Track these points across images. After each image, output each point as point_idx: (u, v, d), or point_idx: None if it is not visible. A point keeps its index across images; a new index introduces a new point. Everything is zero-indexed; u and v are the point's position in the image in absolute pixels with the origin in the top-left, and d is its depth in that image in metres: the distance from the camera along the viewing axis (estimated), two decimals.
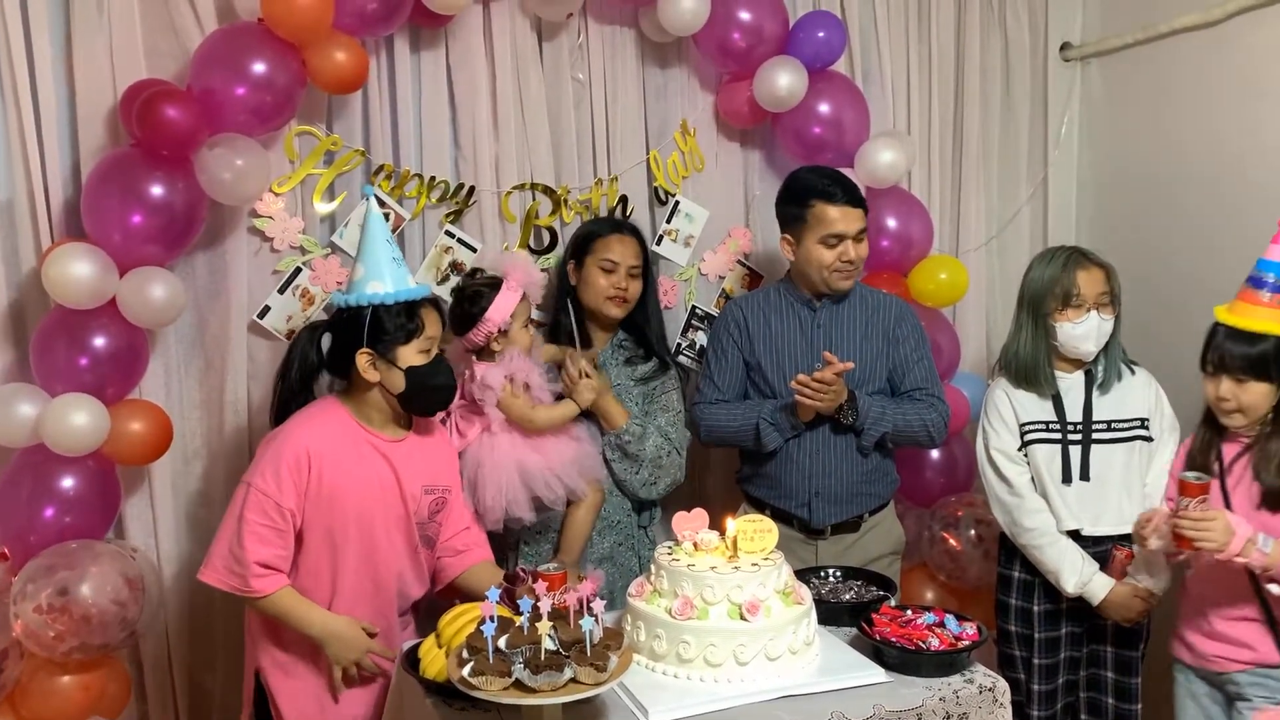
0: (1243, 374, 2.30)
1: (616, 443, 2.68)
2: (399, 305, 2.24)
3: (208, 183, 2.57)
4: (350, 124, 2.90)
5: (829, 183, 2.70)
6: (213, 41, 2.60)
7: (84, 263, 2.43)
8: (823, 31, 3.07)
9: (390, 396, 2.30)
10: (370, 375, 2.26)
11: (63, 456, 2.47)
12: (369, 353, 2.24)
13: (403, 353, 2.25)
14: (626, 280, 2.73)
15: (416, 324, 2.26)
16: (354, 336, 2.24)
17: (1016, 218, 3.68)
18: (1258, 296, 2.30)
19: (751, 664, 1.96)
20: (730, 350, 2.80)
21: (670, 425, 2.74)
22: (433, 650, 2.04)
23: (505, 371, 2.54)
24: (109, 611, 2.44)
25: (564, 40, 3.07)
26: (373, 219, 2.26)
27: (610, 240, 2.75)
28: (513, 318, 2.56)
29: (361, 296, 2.23)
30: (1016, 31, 3.61)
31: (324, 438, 2.27)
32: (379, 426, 2.34)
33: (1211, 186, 3.22)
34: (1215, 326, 2.37)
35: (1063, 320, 2.62)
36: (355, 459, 2.29)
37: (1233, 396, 2.32)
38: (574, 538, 2.63)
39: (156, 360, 2.75)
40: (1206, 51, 3.21)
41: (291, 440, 2.25)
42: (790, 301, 2.80)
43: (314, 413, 2.31)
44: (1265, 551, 2.20)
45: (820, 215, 2.67)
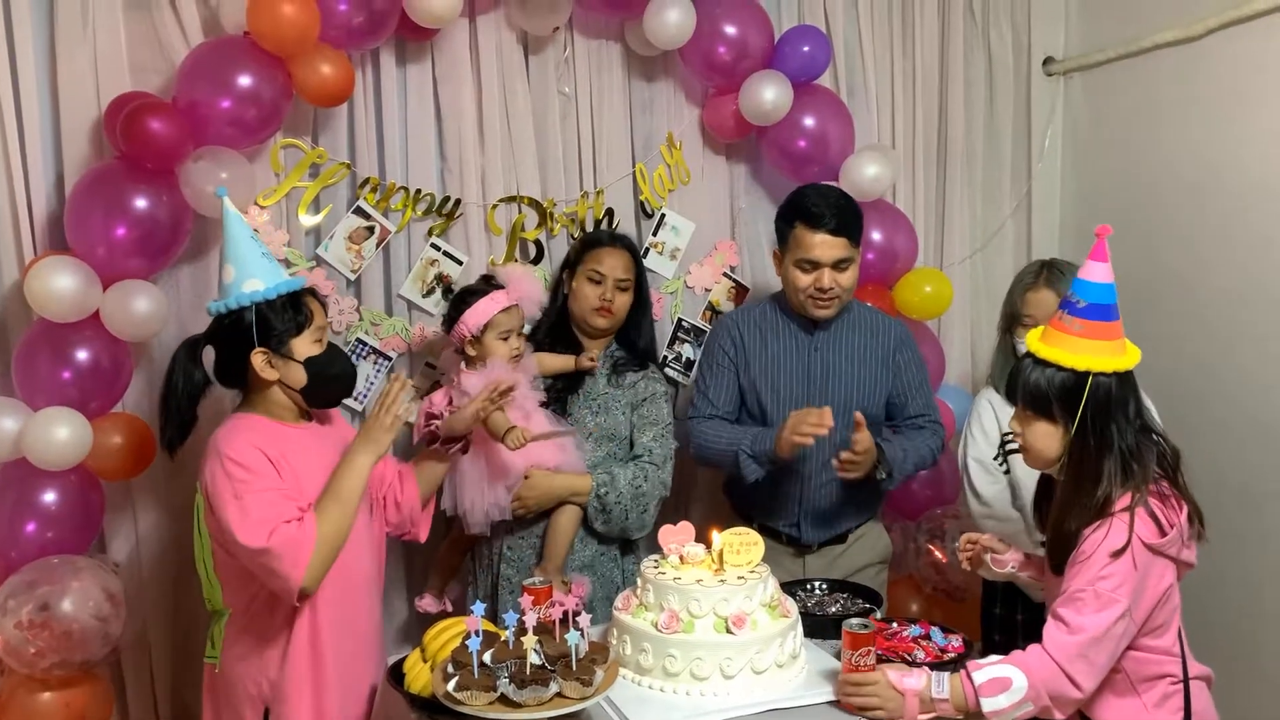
0: (1027, 410, 1.99)
1: (598, 505, 2.62)
2: (282, 299, 2.16)
3: (192, 196, 2.56)
4: (336, 137, 2.90)
5: (818, 206, 2.62)
6: (198, 55, 2.60)
7: (67, 276, 2.42)
8: (807, 46, 3.09)
9: (291, 392, 2.21)
10: (269, 374, 2.16)
11: (45, 471, 2.45)
12: (263, 351, 2.15)
13: (297, 345, 2.17)
14: (613, 292, 2.72)
15: (305, 314, 2.18)
16: (243, 339, 2.15)
17: (1001, 231, 3.70)
18: (1067, 323, 1.94)
19: (738, 677, 1.96)
20: (725, 365, 2.78)
21: (654, 440, 2.72)
22: (418, 664, 2.03)
23: (485, 379, 2.52)
24: (90, 627, 2.43)
25: (550, 54, 3.08)
26: (231, 218, 2.17)
27: (601, 252, 2.74)
28: (489, 327, 2.55)
29: (241, 297, 2.13)
30: (1000, 46, 3.64)
31: (258, 436, 2.14)
32: (292, 421, 2.25)
33: (1193, 198, 3.24)
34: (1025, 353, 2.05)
35: (1018, 338, 2.66)
36: (295, 449, 2.18)
37: (1019, 434, 2.03)
38: (557, 544, 2.62)
39: (140, 374, 2.73)
40: (1187, 66, 3.24)
41: (229, 446, 2.11)
42: (787, 321, 2.76)
43: (232, 427, 2.17)
44: (945, 696, 1.88)
45: (799, 238, 2.63)
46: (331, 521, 2.09)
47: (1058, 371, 1.92)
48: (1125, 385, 1.93)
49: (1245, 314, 3.09)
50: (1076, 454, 1.93)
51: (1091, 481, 1.91)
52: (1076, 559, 1.90)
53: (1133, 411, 1.94)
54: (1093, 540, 1.88)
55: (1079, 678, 1.85)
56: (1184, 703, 1.96)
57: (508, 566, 2.67)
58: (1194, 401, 3.13)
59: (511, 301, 2.58)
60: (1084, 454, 1.92)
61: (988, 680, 1.86)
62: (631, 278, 2.76)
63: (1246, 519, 3.02)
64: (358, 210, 2.90)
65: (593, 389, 2.73)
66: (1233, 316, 3.13)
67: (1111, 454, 1.91)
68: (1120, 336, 1.96)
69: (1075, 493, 1.93)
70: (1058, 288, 2.62)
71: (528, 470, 2.55)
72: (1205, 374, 3.19)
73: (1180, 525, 1.91)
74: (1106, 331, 1.92)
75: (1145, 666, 1.96)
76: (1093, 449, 1.91)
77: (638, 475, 2.66)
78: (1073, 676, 1.85)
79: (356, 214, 2.90)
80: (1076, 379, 1.91)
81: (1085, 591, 1.86)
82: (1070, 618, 1.87)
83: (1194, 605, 2.08)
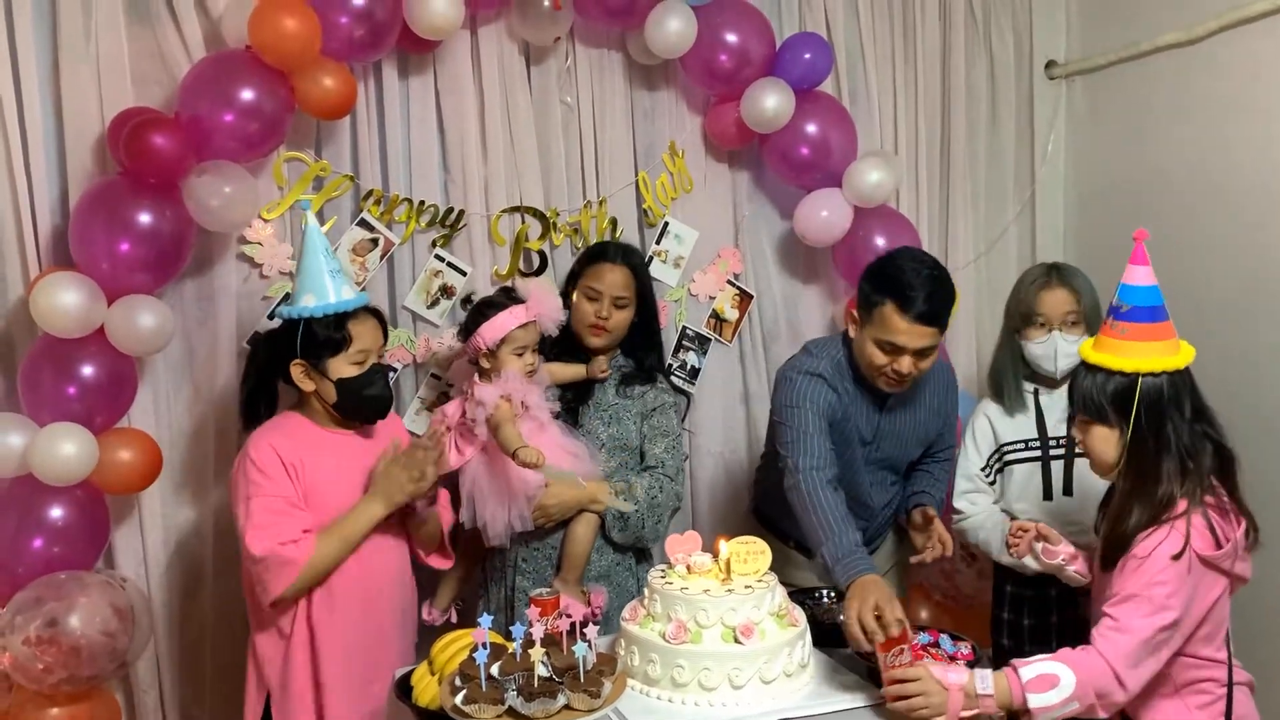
0: (1084, 416, 2.03)
1: (616, 513, 2.61)
2: (329, 318, 2.28)
3: (196, 210, 2.57)
4: (339, 149, 2.90)
5: (915, 290, 2.34)
6: (200, 69, 2.61)
7: (72, 291, 2.42)
8: (809, 53, 3.09)
9: (326, 405, 2.36)
10: (305, 384, 2.33)
11: (51, 486, 2.45)
12: (302, 363, 2.30)
13: (333, 364, 2.30)
14: (610, 310, 2.68)
15: (344, 336, 2.30)
16: (289, 348, 2.30)
17: (1004, 235, 3.70)
18: (1113, 328, 2.00)
19: (746, 687, 1.95)
20: (825, 424, 2.49)
21: (666, 451, 2.70)
22: (425, 677, 2.03)
23: (501, 391, 2.52)
24: (98, 642, 2.42)
25: (552, 64, 3.08)
26: (309, 233, 2.30)
27: (601, 268, 2.71)
28: (504, 342, 2.53)
29: (294, 310, 2.29)
30: (1002, 51, 3.64)
31: (285, 440, 2.31)
32: (331, 427, 2.39)
33: (1195, 200, 3.24)
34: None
35: (1026, 339, 2.66)
36: (323, 455, 2.34)
37: (1081, 440, 2.07)
38: (576, 555, 2.61)
39: (145, 388, 2.73)
40: (1188, 68, 3.24)
41: (254, 446, 2.29)
42: (858, 384, 2.54)
43: (271, 423, 2.37)
44: (990, 692, 1.87)
45: (886, 317, 2.37)
46: (327, 556, 2.25)
47: (1109, 376, 1.96)
48: (1177, 384, 1.96)
49: (1249, 316, 3.08)
50: (1135, 455, 1.96)
51: (1152, 481, 1.94)
52: (1131, 559, 1.92)
53: (1189, 410, 1.96)
54: (1149, 543, 1.90)
55: (1127, 679, 1.86)
56: (1226, 707, 1.97)
57: (523, 578, 2.66)
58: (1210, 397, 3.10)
59: (530, 317, 2.57)
60: (1142, 455, 1.95)
61: (1035, 677, 1.86)
62: (631, 295, 2.72)
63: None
64: (361, 222, 2.90)
65: (603, 399, 2.73)
66: (1237, 319, 3.12)
67: (1169, 453, 1.94)
68: (1171, 337, 1.99)
69: (1134, 492, 1.96)
70: (1072, 284, 2.62)
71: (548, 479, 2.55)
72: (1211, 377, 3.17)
73: (1236, 539, 1.93)
74: (1154, 333, 1.96)
75: (1190, 671, 1.97)
76: (1150, 449, 1.94)
77: (653, 486, 2.65)
78: (1121, 677, 1.85)
79: (360, 226, 2.90)
80: (1127, 382, 1.94)
81: (1139, 595, 1.88)
82: (1123, 619, 1.88)
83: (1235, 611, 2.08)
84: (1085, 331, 2.62)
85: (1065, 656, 1.89)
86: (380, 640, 2.38)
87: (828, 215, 3.16)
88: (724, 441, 3.36)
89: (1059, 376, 2.66)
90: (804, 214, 3.19)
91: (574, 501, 2.58)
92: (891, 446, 2.65)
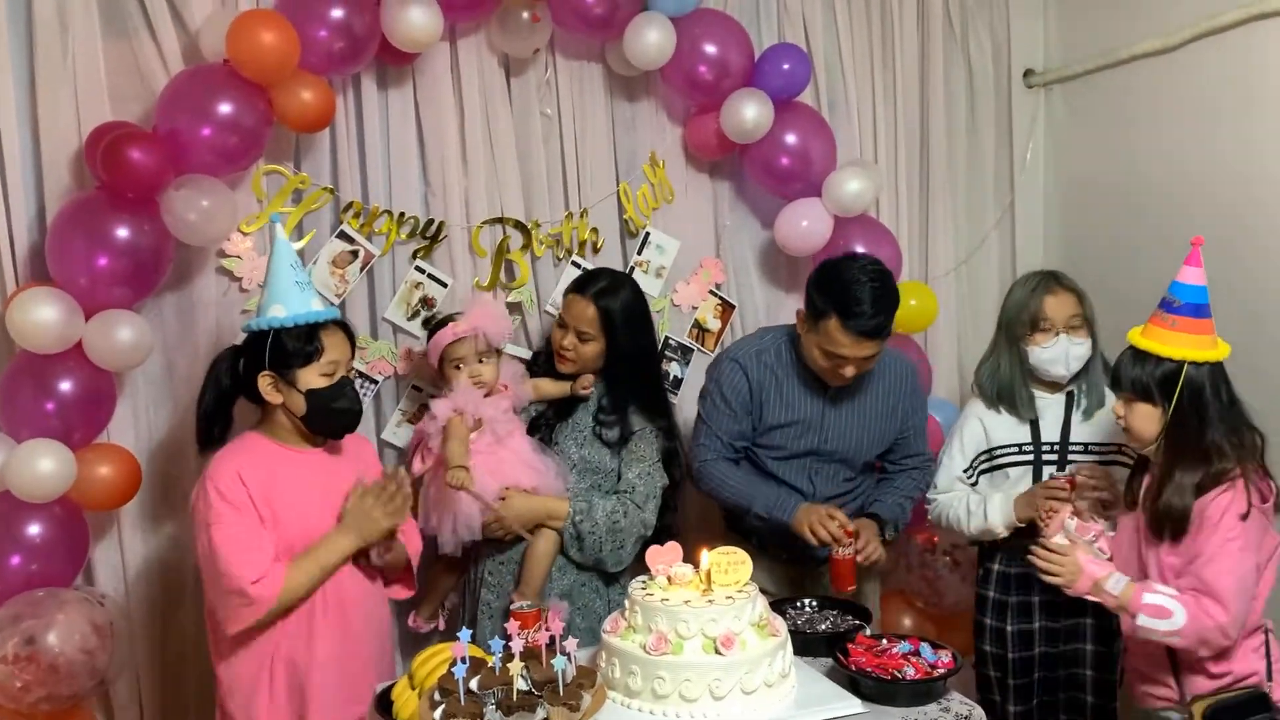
0: (1130, 394, 2.26)
1: (573, 531, 2.61)
2: (299, 329, 2.24)
3: (174, 224, 2.56)
4: (318, 162, 2.90)
5: (859, 304, 2.45)
6: (178, 83, 2.60)
7: (49, 307, 2.41)
8: (788, 63, 3.11)
9: (294, 418, 2.30)
10: (273, 397, 2.27)
11: (29, 503, 2.44)
12: (270, 375, 2.25)
13: (303, 375, 2.26)
14: (573, 341, 2.68)
15: (315, 347, 2.25)
16: (258, 360, 2.25)
17: (985, 243, 3.72)
18: (1164, 320, 2.24)
19: (727, 698, 1.95)
20: (737, 408, 2.67)
21: (639, 478, 2.66)
22: (406, 692, 2.02)
23: (452, 405, 2.54)
24: (77, 660, 2.41)
25: (531, 76, 3.08)
26: (277, 245, 2.28)
27: (572, 299, 2.70)
28: (443, 358, 2.60)
29: (263, 321, 2.25)
30: (980, 59, 3.66)
31: (248, 461, 2.24)
32: (296, 444, 2.33)
33: (1174, 205, 3.26)
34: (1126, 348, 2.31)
35: (1032, 344, 2.65)
36: (289, 473, 2.28)
37: (1124, 416, 2.29)
38: (532, 570, 2.61)
39: (125, 403, 2.72)
40: (1166, 75, 3.26)
41: (217, 468, 2.22)
42: (802, 371, 2.66)
43: (232, 445, 2.30)
44: (1114, 592, 2.19)
45: (829, 330, 2.48)
46: (295, 588, 2.20)
47: (1159, 362, 2.20)
48: (1217, 374, 2.21)
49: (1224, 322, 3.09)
50: (1175, 433, 2.20)
51: (1197, 457, 2.18)
52: (1204, 525, 2.14)
53: (1226, 398, 2.21)
54: (1217, 506, 2.14)
55: (1230, 629, 2.12)
56: (1266, 651, 2.25)
57: (488, 591, 2.67)
58: None
59: (466, 332, 2.59)
60: (1184, 433, 2.19)
61: (1154, 604, 2.14)
62: (596, 331, 2.66)
63: None
64: (341, 234, 2.90)
65: (580, 421, 2.72)
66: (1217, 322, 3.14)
67: (1211, 431, 2.18)
68: (1212, 333, 2.24)
69: (1177, 465, 2.19)
70: (1075, 289, 2.66)
71: (503, 491, 2.55)
72: None
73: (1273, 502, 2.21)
74: (1199, 328, 2.21)
75: (1250, 616, 2.20)
76: (1193, 428, 2.19)
77: (617, 509, 2.62)
78: (1225, 629, 2.11)
79: (340, 238, 2.90)
80: (1174, 367, 2.19)
81: (1219, 553, 2.12)
82: (1212, 580, 2.12)
83: None
84: (1087, 335, 2.64)
85: (1185, 602, 2.13)
86: (359, 659, 2.34)
87: (808, 225, 3.17)
88: None
89: (1067, 380, 2.67)
90: (784, 224, 3.20)
91: (529, 514, 2.58)
92: (839, 440, 2.69)
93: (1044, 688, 2.75)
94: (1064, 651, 2.72)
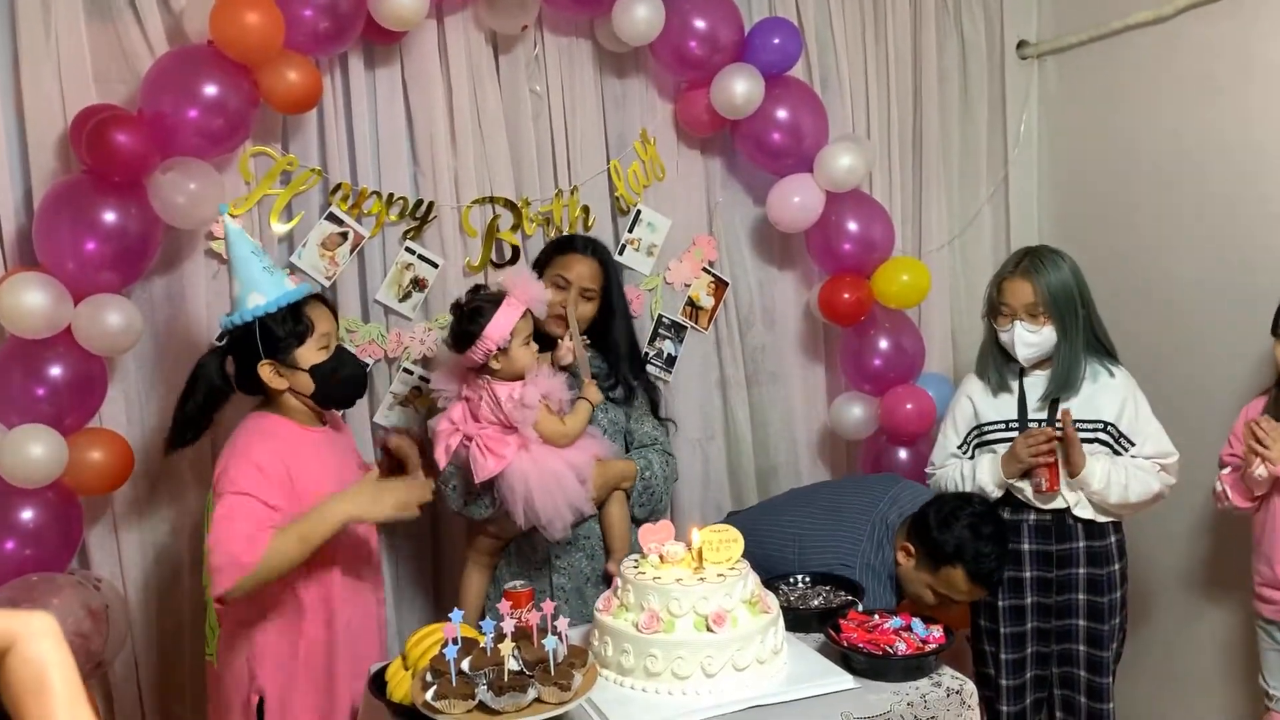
0: None
1: (640, 488, 2.61)
2: (282, 311, 2.24)
3: (161, 207, 2.54)
4: (306, 143, 2.88)
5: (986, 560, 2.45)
6: (162, 65, 2.58)
7: (37, 292, 2.40)
8: (778, 38, 3.08)
9: (304, 398, 2.31)
10: (278, 384, 2.27)
11: (20, 489, 2.44)
12: (270, 363, 2.25)
13: (301, 354, 2.26)
14: (576, 300, 2.66)
15: (305, 324, 2.26)
16: (251, 352, 2.24)
17: (978, 217, 3.70)
18: None
19: (719, 675, 1.95)
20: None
21: (655, 429, 2.73)
22: (399, 673, 2.02)
23: (541, 391, 2.45)
24: (73, 644, 2.38)
25: (520, 53, 3.06)
26: (232, 234, 2.26)
27: (570, 258, 2.68)
28: (513, 335, 2.44)
29: (245, 313, 2.23)
30: (973, 31, 3.63)
31: (283, 445, 2.25)
32: (310, 423, 2.36)
33: (1168, 179, 3.25)
34: None
35: (997, 327, 2.72)
36: (311, 455, 2.30)
37: None
38: (621, 534, 2.58)
39: (116, 387, 2.71)
40: (1161, 47, 3.24)
41: (256, 450, 2.21)
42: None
43: (259, 428, 2.28)
44: None
45: (953, 579, 2.48)
46: (282, 554, 2.13)
47: None
48: None
49: (1220, 296, 3.09)
50: None
51: None
52: None
53: None
54: None
55: None
56: None
57: (559, 575, 2.60)
58: (1181, 380, 3.13)
59: (524, 306, 2.48)
60: None
61: None
62: (598, 288, 2.68)
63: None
64: (330, 216, 2.88)
65: None
66: (1207, 300, 3.14)
67: None
68: None
69: None
70: (1033, 278, 2.63)
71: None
72: (1184, 353, 3.20)
73: None
74: None
75: None
76: None
77: (664, 461, 2.69)
78: None
79: (329, 220, 2.88)
80: None
81: None
82: None
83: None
84: (1049, 322, 2.63)
85: None
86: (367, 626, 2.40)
87: (800, 201, 3.16)
88: (702, 429, 3.37)
89: (1025, 365, 2.69)
90: (776, 200, 3.19)
91: (613, 480, 2.57)
92: None
93: (1037, 662, 2.77)
94: (1056, 627, 2.74)
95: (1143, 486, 2.62)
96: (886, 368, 3.27)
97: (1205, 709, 3.22)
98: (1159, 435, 2.68)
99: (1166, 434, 2.69)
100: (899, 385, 3.26)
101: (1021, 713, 2.79)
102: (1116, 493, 2.60)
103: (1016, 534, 2.71)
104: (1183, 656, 3.29)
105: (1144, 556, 3.20)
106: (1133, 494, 2.61)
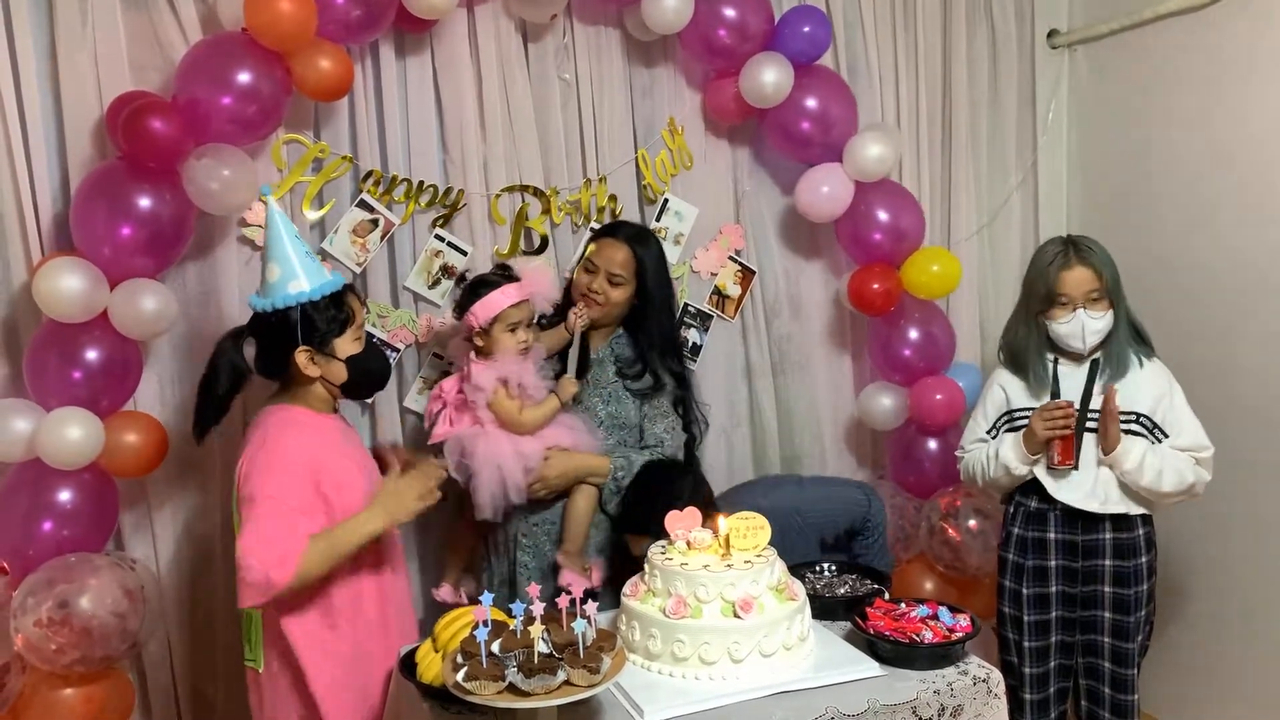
0: None
1: (614, 487, 2.63)
2: (325, 299, 2.23)
3: (195, 193, 2.57)
4: (337, 130, 2.90)
5: None
6: (197, 52, 2.60)
7: (74, 276, 2.44)
8: (808, 26, 3.07)
9: (332, 386, 2.31)
10: (312, 371, 2.25)
11: (59, 470, 2.48)
12: (307, 350, 2.23)
13: (339, 344, 2.27)
14: (603, 284, 2.68)
15: (347, 314, 2.27)
16: (287, 337, 2.22)
17: (1007, 206, 3.69)
18: None
19: (746, 661, 1.97)
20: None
21: (666, 432, 2.71)
22: (429, 655, 2.04)
23: (498, 373, 2.53)
24: (109, 623, 2.46)
25: (549, 41, 3.07)
26: (274, 217, 2.23)
27: (604, 243, 2.72)
28: (497, 320, 2.53)
29: (286, 297, 2.21)
30: (1003, 20, 3.61)
31: (310, 436, 2.25)
32: (328, 412, 2.36)
33: (1199, 168, 3.22)
34: None
35: (1051, 320, 2.66)
36: (335, 442, 2.31)
37: None
38: (577, 526, 2.63)
39: (150, 371, 2.75)
40: (1191, 36, 3.21)
41: (284, 445, 2.21)
42: None
43: (280, 420, 2.26)
44: None
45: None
46: (316, 564, 2.12)
47: None
48: None
49: (1249, 286, 3.07)
50: None
51: None
52: None
53: None
54: None
55: None
56: None
57: (524, 553, 2.68)
58: (1209, 370, 3.11)
59: (522, 296, 2.56)
60: None
61: None
62: (629, 274, 2.70)
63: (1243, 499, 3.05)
64: (361, 203, 2.91)
65: (601, 378, 2.73)
66: (1236, 289, 3.11)
67: None
68: None
69: None
70: (1091, 262, 2.61)
71: (546, 450, 2.56)
72: (1210, 345, 3.17)
73: None
74: None
75: None
76: None
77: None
78: None
79: (360, 207, 2.91)
80: None
81: None
82: None
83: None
84: (1108, 306, 2.62)
85: None
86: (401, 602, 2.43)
87: (829, 190, 3.15)
88: (727, 416, 3.38)
89: (1087, 353, 2.67)
90: (805, 189, 3.19)
91: (572, 472, 2.60)
92: None
93: (1061, 651, 2.76)
94: (1081, 617, 2.73)
95: (1177, 476, 2.60)
96: (917, 358, 3.26)
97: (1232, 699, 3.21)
98: (1195, 428, 2.65)
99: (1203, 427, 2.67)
100: (929, 376, 3.26)
101: (1045, 701, 2.78)
102: (1150, 476, 2.58)
103: (1043, 522, 2.70)
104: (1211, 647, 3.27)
105: (1174, 548, 3.18)
106: (1166, 482, 2.59)
